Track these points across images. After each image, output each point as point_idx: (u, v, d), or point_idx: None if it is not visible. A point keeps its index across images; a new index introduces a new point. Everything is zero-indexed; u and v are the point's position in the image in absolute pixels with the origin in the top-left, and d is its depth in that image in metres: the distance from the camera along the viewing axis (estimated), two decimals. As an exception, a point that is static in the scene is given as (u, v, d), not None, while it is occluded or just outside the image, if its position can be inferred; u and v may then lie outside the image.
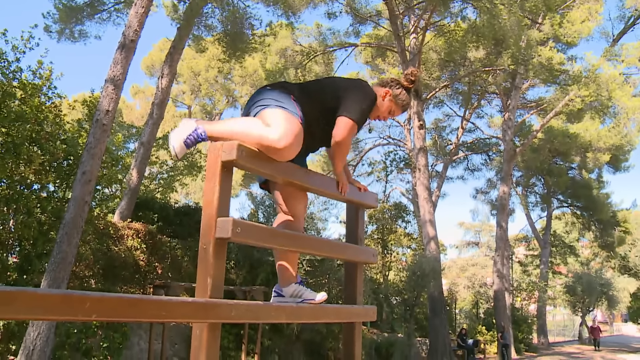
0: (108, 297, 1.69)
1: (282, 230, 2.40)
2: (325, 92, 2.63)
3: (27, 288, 1.60)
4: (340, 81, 2.77)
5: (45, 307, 1.51)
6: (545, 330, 30.81)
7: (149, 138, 14.91)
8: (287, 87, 2.62)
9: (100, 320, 1.76)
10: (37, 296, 1.52)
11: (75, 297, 1.60)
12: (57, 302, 1.55)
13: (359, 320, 2.71)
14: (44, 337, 8.24)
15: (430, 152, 27.01)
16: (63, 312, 1.59)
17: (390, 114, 2.90)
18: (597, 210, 31.95)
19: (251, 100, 2.61)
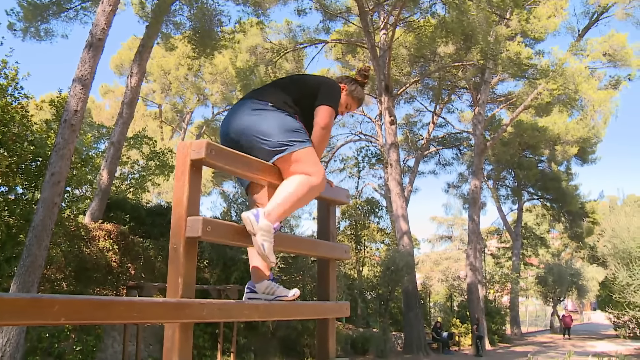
0: (77, 300, 1.66)
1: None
2: (309, 97, 2.69)
3: (-8, 292, 1.57)
4: (314, 79, 2.83)
5: (12, 311, 1.49)
6: (518, 321, 31.30)
7: (119, 138, 14.72)
8: (289, 104, 2.63)
9: (69, 323, 1.73)
10: (3, 301, 1.49)
11: (43, 300, 1.58)
12: (25, 306, 1.52)
13: (332, 317, 2.72)
14: (13, 343, 8.10)
15: (401, 147, 27.25)
16: (31, 316, 1.56)
17: (347, 109, 3.01)
18: (567, 202, 32.55)
19: (264, 124, 2.50)
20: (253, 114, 2.54)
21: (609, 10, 25.19)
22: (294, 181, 2.44)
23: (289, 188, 2.42)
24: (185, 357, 1.99)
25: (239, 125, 2.55)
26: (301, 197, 2.44)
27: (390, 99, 20.83)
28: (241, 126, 2.54)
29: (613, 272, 21.09)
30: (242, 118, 2.56)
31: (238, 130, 2.55)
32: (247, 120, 2.54)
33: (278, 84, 2.77)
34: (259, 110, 2.55)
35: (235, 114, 2.61)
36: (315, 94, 2.70)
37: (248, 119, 2.54)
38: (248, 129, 2.52)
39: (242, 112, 2.58)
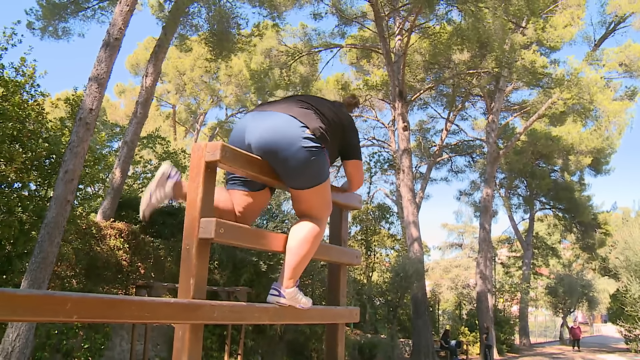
0: (90, 298, 1.67)
1: (265, 231, 2.40)
2: (339, 134, 2.59)
3: (6, 289, 1.58)
4: (347, 119, 2.71)
5: (25, 307, 1.49)
6: (527, 331, 31.09)
7: (133, 137, 14.80)
8: (327, 135, 2.45)
9: (81, 321, 1.74)
10: (17, 297, 1.50)
11: (56, 297, 1.59)
12: (38, 302, 1.53)
13: (342, 322, 2.71)
14: (23, 339, 8.15)
15: (414, 153, 27.15)
16: (44, 313, 1.57)
17: None
18: (579, 213, 32.33)
19: (297, 145, 2.32)
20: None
21: (626, 20, 25.03)
22: (302, 239, 2.42)
23: (299, 250, 2.40)
24: (195, 358, 1.99)
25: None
26: (310, 250, 2.44)
27: (404, 104, 20.80)
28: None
29: (625, 284, 20.89)
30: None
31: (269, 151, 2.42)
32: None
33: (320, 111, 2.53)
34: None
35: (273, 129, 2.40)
36: (348, 138, 2.67)
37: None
38: (297, 144, 2.43)
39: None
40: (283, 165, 2.34)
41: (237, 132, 2.48)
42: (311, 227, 2.42)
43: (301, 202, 2.48)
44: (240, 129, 2.47)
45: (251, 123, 2.43)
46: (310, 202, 2.47)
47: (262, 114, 2.43)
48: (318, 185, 2.42)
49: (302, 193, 2.43)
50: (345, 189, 2.88)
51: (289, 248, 2.41)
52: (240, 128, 2.48)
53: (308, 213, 2.48)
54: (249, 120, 2.45)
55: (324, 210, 2.51)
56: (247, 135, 2.40)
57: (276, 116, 2.38)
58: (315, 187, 2.41)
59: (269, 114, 2.41)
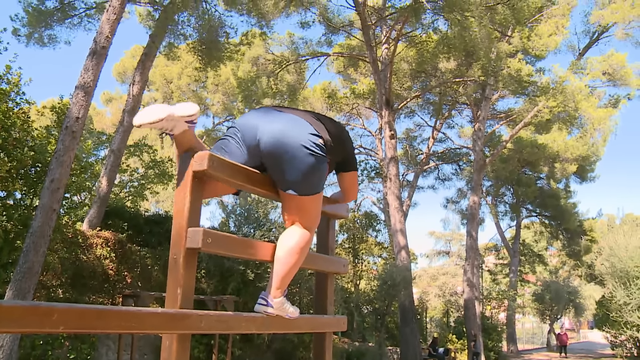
0: (76, 308, 1.66)
1: (252, 240, 2.41)
2: (339, 151, 2.61)
3: (-9, 300, 1.57)
4: (346, 134, 2.76)
5: (11, 318, 1.48)
6: (514, 338, 31.20)
7: (120, 146, 14.73)
8: (332, 149, 2.46)
9: (68, 332, 1.73)
10: (2, 308, 1.49)
11: (42, 308, 1.58)
12: (24, 313, 1.52)
13: (330, 330, 2.71)
14: (7, 350, 8.06)
15: (401, 161, 27.28)
16: (30, 324, 1.56)
17: None
18: (565, 220, 32.59)
19: (300, 155, 2.32)
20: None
21: (609, 30, 25.36)
22: (291, 248, 2.41)
23: (288, 259, 2.40)
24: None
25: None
26: (299, 260, 2.43)
27: (390, 113, 20.89)
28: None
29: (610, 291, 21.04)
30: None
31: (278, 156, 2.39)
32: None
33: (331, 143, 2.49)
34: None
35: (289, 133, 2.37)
36: (348, 150, 2.73)
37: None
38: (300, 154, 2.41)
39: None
40: (289, 165, 2.32)
41: (248, 126, 2.42)
42: (300, 236, 2.42)
43: (295, 209, 2.47)
44: (251, 124, 2.40)
45: (264, 119, 2.40)
46: (304, 209, 2.46)
47: (276, 114, 2.42)
48: (316, 194, 2.43)
49: (300, 200, 2.41)
50: (337, 199, 2.90)
51: (278, 257, 2.40)
52: (251, 123, 2.41)
53: (299, 221, 2.47)
54: (261, 117, 2.43)
55: (315, 220, 2.52)
56: (260, 130, 2.35)
57: (293, 118, 2.38)
58: (313, 195, 2.42)
59: (284, 115, 2.40)
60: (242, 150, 2.41)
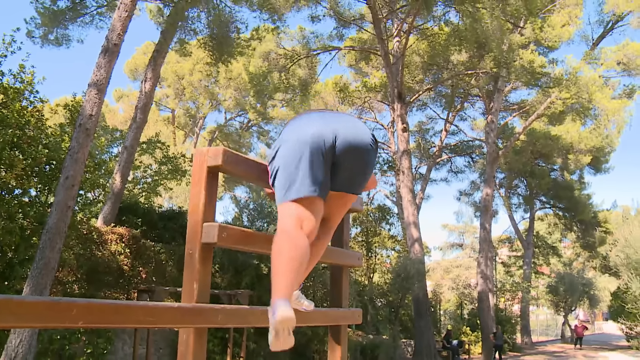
0: (95, 304, 1.69)
1: (268, 234, 2.42)
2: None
3: (13, 296, 1.60)
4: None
5: (32, 314, 1.51)
6: (528, 330, 31.07)
7: (132, 142, 14.82)
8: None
9: (87, 327, 1.75)
10: (24, 304, 1.52)
11: (62, 304, 1.60)
12: (44, 309, 1.55)
13: (345, 323, 2.73)
14: (26, 345, 8.16)
15: (413, 154, 27.18)
16: (50, 319, 1.58)
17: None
18: (579, 211, 32.35)
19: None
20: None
21: (624, 18, 25.07)
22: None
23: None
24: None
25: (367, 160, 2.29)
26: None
27: (402, 106, 20.83)
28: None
29: (626, 282, 20.89)
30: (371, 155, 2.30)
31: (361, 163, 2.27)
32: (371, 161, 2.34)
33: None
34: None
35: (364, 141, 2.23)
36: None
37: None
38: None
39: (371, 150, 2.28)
40: (365, 167, 2.27)
41: (318, 127, 2.16)
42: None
43: (346, 208, 2.46)
44: (321, 124, 2.18)
45: (331, 121, 2.21)
46: (347, 209, 2.47)
47: (340, 115, 2.32)
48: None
49: (354, 197, 2.41)
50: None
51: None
52: (320, 124, 2.18)
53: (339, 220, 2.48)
54: (324, 118, 2.24)
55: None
56: (338, 129, 2.16)
57: (358, 121, 2.32)
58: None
59: (349, 117, 2.32)
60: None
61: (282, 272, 1.94)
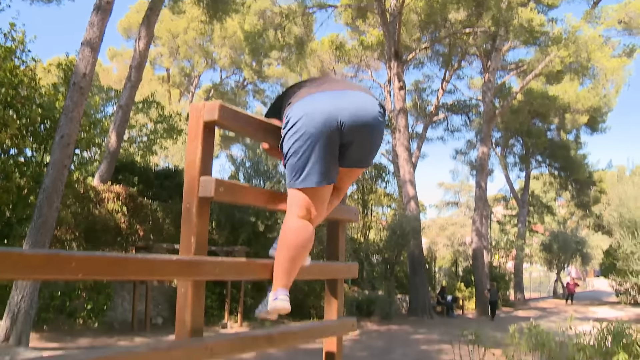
0: (94, 256, 1.70)
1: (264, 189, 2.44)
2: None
3: (12, 248, 1.62)
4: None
5: (31, 266, 1.52)
6: (521, 287, 31.53)
7: (127, 101, 14.72)
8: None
9: (86, 278, 1.77)
10: (24, 256, 1.53)
11: (61, 256, 1.62)
12: (43, 261, 1.56)
13: (341, 277, 2.77)
14: (27, 300, 8.28)
15: (410, 113, 27.10)
16: (49, 271, 1.59)
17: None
18: (574, 171, 32.49)
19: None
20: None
21: (626, -25, 24.59)
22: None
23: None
24: (197, 313, 2.04)
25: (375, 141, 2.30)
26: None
27: (399, 64, 20.64)
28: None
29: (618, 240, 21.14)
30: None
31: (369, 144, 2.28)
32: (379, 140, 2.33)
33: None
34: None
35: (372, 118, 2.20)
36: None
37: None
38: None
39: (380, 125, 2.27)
40: (375, 142, 2.28)
41: (328, 113, 2.12)
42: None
43: (357, 176, 2.51)
44: (330, 109, 2.13)
45: (339, 101, 2.15)
46: (357, 177, 2.50)
47: (347, 93, 2.22)
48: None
49: (366, 167, 2.44)
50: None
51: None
52: (330, 108, 2.13)
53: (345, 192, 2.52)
54: (332, 100, 2.17)
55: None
56: (348, 111, 2.13)
57: (364, 95, 2.24)
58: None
59: (355, 93, 2.23)
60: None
61: (288, 260, 2.19)
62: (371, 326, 16.02)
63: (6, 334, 8.18)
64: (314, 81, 2.39)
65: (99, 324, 11.51)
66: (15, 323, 8.20)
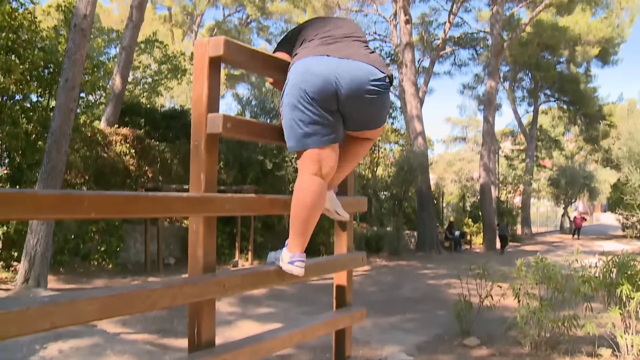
0: (105, 195, 1.72)
1: (271, 124, 2.43)
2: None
3: (26, 190, 1.63)
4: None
5: (45, 207, 1.54)
6: (529, 222, 31.79)
7: (130, 42, 14.52)
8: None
9: (98, 217, 1.79)
10: (36, 197, 1.55)
11: (73, 196, 1.63)
12: (56, 201, 1.57)
13: (351, 211, 2.79)
14: (43, 243, 8.45)
15: (416, 47, 26.56)
16: (63, 210, 1.61)
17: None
18: (584, 104, 32.10)
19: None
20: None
21: None
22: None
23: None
24: (209, 249, 2.07)
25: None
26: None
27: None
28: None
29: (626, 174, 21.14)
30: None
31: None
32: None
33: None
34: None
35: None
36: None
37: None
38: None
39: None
40: (379, 108, 2.28)
41: (325, 77, 2.11)
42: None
43: (374, 138, 2.51)
44: (328, 72, 2.12)
45: (339, 69, 2.12)
46: (374, 138, 2.51)
47: (349, 63, 2.16)
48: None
49: (377, 132, 2.45)
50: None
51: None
52: (327, 72, 2.12)
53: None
54: (334, 67, 2.13)
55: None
56: (345, 77, 2.12)
57: (365, 67, 2.18)
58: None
59: (357, 64, 2.17)
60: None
61: (303, 221, 2.24)
62: (380, 262, 16.30)
63: (25, 275, 8.39)
64: (326, 29, 2.35)
65: (113, 266, 11.76)
66: (33, 266, 8.40)
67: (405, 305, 9.50)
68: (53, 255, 9.79)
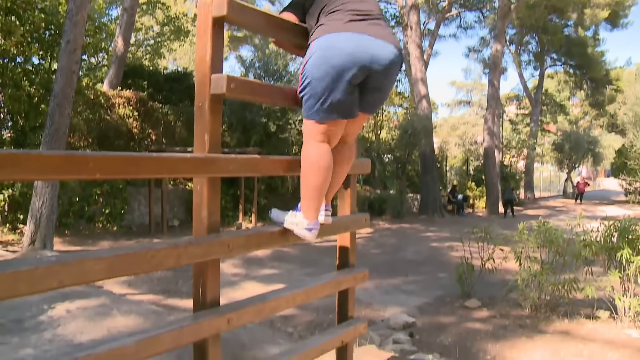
0: (110, 156, 1.72)
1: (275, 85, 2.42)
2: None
3: (32, 150, 1.64)
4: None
5: (51, 167, 1.55)
6: (532, 186, 31.81)
7: (132, 3, 14.34)
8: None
9: (103, 178, 1.80)
10: (41, 157, 1.56)
11: (78, 157, 1.64)
12: (62, 162, 1.58)
13: (354, 173, 2.80)
14: (48, 206, 8.50)
15: (422, 9, 26.15)
16: (68, 171, 1.62)
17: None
18: (591, 68, 31.74)
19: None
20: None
21: None
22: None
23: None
24: (214, 210, 2.08)
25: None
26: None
27: (411, -43, 19.74)
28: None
29: (631, 140, 21.07)
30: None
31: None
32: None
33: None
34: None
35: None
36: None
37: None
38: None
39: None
40: (389, 86, 2.35)
41: (351, 54, 2.13)
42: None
43: (361, 125, 2.54)
44: (354, 49, 2.14)
45: (373, 44, 2.16)
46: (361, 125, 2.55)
47: (379, 42, 2.19)
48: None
49: (364, 119, 2.51)
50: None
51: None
52: (354, 48, 2.14)
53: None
54: (365, 46, 2.15)
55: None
56: (372, 56, 2.15)
57: (383, 44, 2.21)
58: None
59: (385, 44, 2.21)
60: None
61: (314, 188, 2.27)
62: (383, 224, 16.40)
63: (31, 237, 8.47)
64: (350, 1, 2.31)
65: (117, 228, 11.86)
66: (39, 228, 8.47)
67: (407, 267, 9.60)
68: (58, 218, 9.86)
